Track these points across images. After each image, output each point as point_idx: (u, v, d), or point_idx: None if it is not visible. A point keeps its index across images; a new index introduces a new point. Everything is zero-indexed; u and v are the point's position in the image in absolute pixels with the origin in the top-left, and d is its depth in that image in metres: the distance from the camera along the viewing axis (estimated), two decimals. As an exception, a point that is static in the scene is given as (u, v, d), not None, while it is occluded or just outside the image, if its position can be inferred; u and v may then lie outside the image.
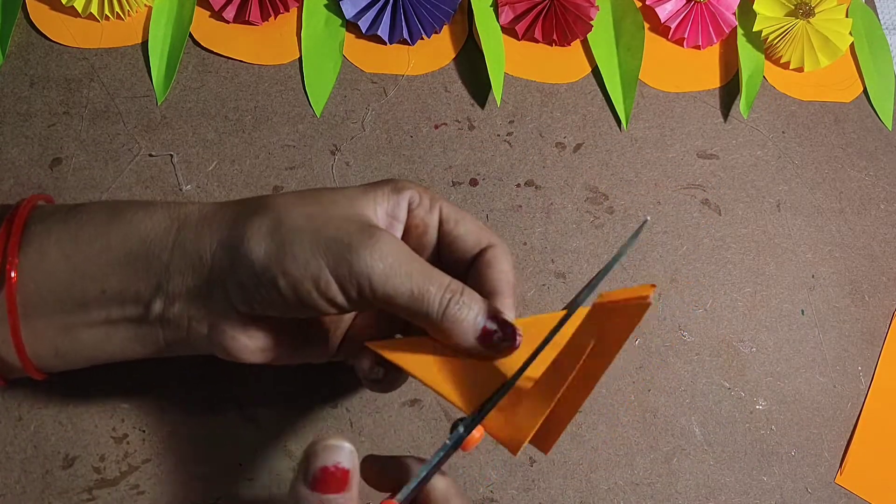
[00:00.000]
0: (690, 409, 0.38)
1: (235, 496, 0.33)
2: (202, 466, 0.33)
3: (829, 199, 0.45)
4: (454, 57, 0.43)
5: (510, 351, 0.26)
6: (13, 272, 0.26)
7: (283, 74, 0.41)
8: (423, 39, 0.43)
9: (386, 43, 0.43)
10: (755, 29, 0.47)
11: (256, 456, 0.34)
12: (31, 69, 0.39)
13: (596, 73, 0.45)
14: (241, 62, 0.41)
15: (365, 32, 0.42)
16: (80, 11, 0.39)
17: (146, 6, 0.41)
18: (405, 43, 0.43)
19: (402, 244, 0.26)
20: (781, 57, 0.47)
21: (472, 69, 0.43)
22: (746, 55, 0.47)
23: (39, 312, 0.27)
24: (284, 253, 0.25)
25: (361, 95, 0.42)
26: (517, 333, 0.26)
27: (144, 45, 0.40)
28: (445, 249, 0.30)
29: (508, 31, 0.45)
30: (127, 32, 0.40)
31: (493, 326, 0.26)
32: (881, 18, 0.50)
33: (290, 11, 0.42)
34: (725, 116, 0.46)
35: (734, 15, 0.47)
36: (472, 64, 0.44)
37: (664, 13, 0.46)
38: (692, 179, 0.43)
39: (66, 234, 0.27)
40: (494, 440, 0.26)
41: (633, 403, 0.38)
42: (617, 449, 0.37)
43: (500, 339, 0.26)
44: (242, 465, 0.33)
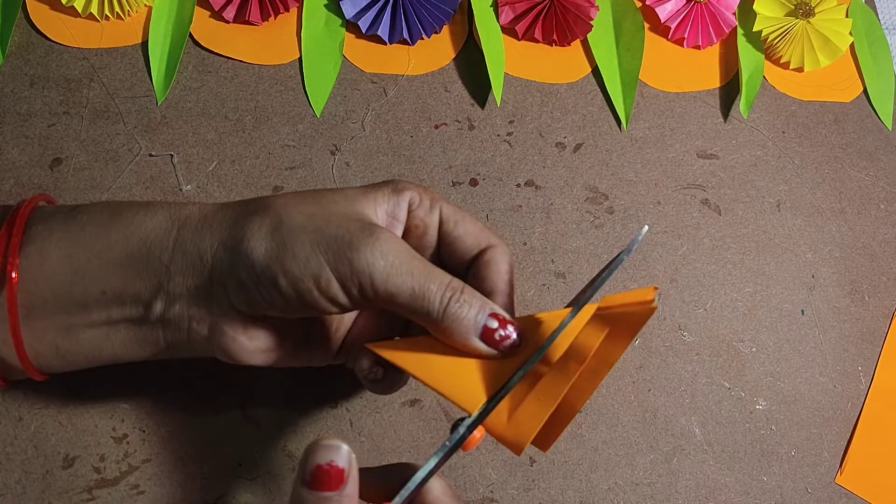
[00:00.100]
0: (690, 409, 0.38)
1: (235, 496, 0.33)
2: (202, 466, 0.33)
3: (829, 199, 0.45)
4: (454, 57, 0.43)
5: (511, 349, 0.26)
6: (14, 273, 0.26)
7: (283, 74, 0.41)
8: (423, 39, 0.43)
9: (386, 43, 0.43)
10: (755, 29, 0.47)
11: (256, 456, 0.34)
12: (31, 69, 0.39)
13: (596, 73, 0.45)
14: (241, 62, 0.41)
15: (365, 32, 0.42)
16: (80, 11, 0.39)
17: (146, 6, 0.41)
18: (405, 43, 0.43)
19: (402, 242, 0.26)
20: (781, 57, 0.47)
21: (472, 69, 0.43)
22: (746, 55, 0.47)
23: (40, 313, 0.27)
24: (285, 251, 0.25)
25: (361, 95, 0.41)
26: (518, 332, 0.26)
27: (144, 45, 0.40)
28: (445, 250, 0.30)
29: (508, 31, 0.45)
30: (127, 32, 0.40)
31: (493, 325, 0.26)
32: (881, 18, 0.50)
33: (290, 11, 0.42)
34: (725, 116, 0.46)
35: (734, 15, 0.47)
36: (472, 64, 0.44)
37: (664, 13, 0.46)
38: (692, 179, 0.43)
39: (67, 234, 0.27)
40: (496, 440, 0.26)
41: (633, 403, 0.38)
42: (617, 449, 0.37)
43: (501, 337, 0.26)
44: (242, 465, 0.33)
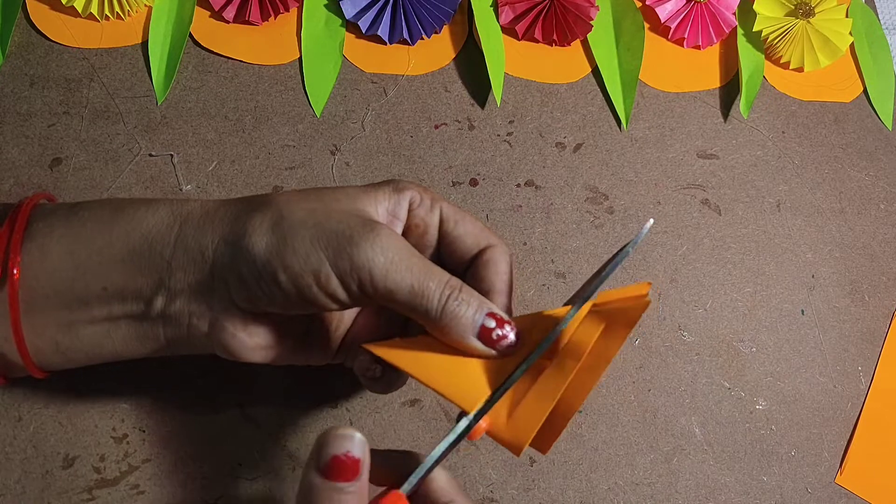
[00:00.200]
0: (690, 409, 0.38)
1: (235, 496, 0.33)
2: (202, 466, 0.33)
3: (829, 199, 0.45)
4: (454, 57, 0.43)
5: (508, 349, 0.26)
6: (16, 269, 0.26)
7: (283, 74, 0.41)
8: (423, 39, 0.43)
9: (386, 43, 0.43)
10: (755, 29, 0.47)
11: (256, 456, 0.34)
12: (31, 69, 0.39)
13: (596, 73, 0.45)
14: (241, 62, 0.41)
15: (365, 32, 0.42)
16: (80, 11, 0.39)
17: (146, 6, 0.41)
18: (405, 43, 0.43)
19: (402, 239, 0.26)
20: (781, 57, 0.47)
21: (472, 69, 0.43)
22: (746, 55, 0.47)
23: (41, 309, 0.27)
24: (285, 247, 0.25)
25: (361, 95, 0.42)
26: (515, 332, 0.26)
27: (144, 45, 0.40)
28: (445, 249, 0.30)
29: (508, 31, 0.45)
30: (127, 32, 0.40)
31: (491, 324, 0.26)
32: (881, 18, 0.50)
33: (290, 11, 0.42)
34: (725, 116, 0.46)
35: (734, 15, 0.47)
36: (472, 64, 0.44)
37: (664, 13, 0.46)
38: (692, 179, 0.43)
39: (68, 230, 0.27)
40: (495, 441, 0.26)
41: (633, 403, 0.38)
42: (617, 449, 0.37)
43: (498, 337, 0.26)
44: (242, 465, 0.33)
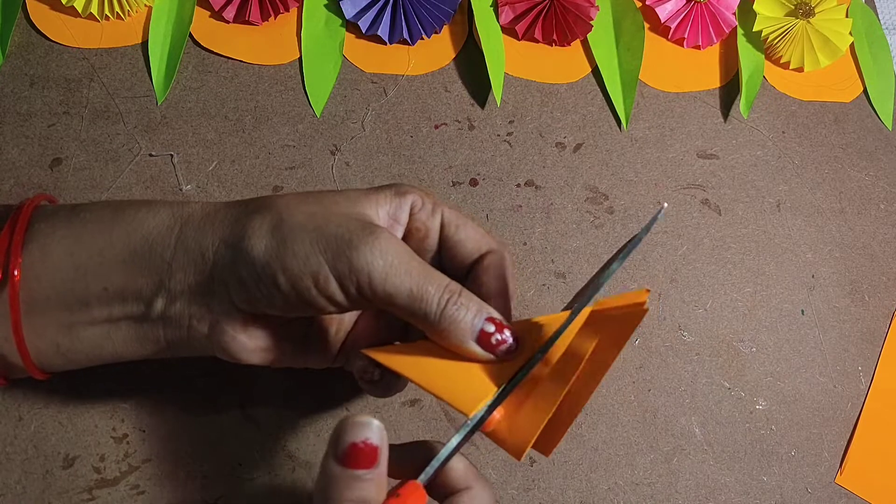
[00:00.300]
0: (690, 409, 0.38)
1: (235, 496, 0.33)
2: (202, 466, 0.33)
3: (829, 199, 0.45)
4: (454, 57, 0.43)
5: (507, 354, 0.26)
6: (16, 270, 0.26)
7: (283, 74, 0.41)
8: (423, 39, 0.43)
9: (386, 43, 0.43)
10: (755, 29, 0.47)
11: (256, 456, 0.34)
12: (31, 69, 0.39)
13: (596, 73, 0.45)
14: (241, 62, 0.41)
15: (365, 32, 0.42)
16: (80, 11, 0.39)
17: (146, 6, 0.41)
18: (405, 43, 0.43)
19: (402, 243, 0.26)
20: (781, 57, 0.47)
21: (472, 69, 0.43)
22: (746, 55, 0.47)
23: (41, 310, 0.27)
24: (285, 249, 0.25)
25: (361, 95, 0.41)
26: (514, 336, 0.26)
27: (144, 45, 0.40)
28: (446, 254, 0.30)
29: (508, 31, 0.45)
30: (127, 32, 0.40)
31: (490, 329, 0.26)
32: (881, 18, 0.50)
33: (290, 11, 0.42)
34: (725, 116, 0.46)
35: (734, 15, 0.47)
36: (472, 64, 0.44)
37: (664, 13, 0.46)
38: (692, 179, 0.43)
39: (69, 232, 0.27)
40: (496, 444, 0.26)
41: (633, 403, 0.38)
42: (617, 449, 0.37)
43: (497, 341, 0.26)
44: (242, 465, 0.33)
